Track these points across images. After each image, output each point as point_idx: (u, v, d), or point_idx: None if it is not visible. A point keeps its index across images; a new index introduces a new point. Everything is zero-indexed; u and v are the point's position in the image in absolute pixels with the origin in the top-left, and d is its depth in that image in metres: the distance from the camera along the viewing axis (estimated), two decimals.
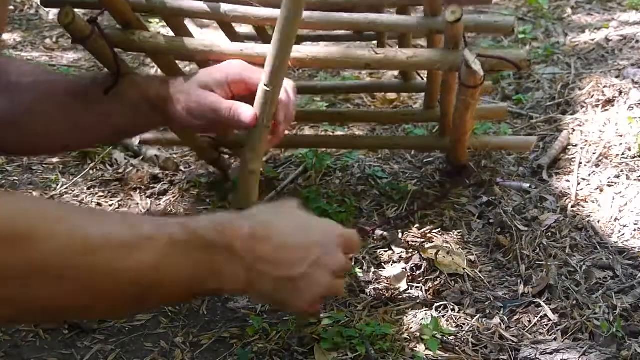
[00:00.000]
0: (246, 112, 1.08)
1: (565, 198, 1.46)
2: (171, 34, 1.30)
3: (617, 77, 1.91)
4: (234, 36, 1.50)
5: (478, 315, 1.17)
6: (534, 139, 1.59)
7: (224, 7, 1.22)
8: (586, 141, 1.65)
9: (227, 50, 1.21)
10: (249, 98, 1.11)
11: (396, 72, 1.98)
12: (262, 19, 1.23)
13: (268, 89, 1.08)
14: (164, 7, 1.23)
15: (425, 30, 1.20)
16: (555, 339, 1.11)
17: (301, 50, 1.18)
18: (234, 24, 1.49)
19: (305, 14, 1.15)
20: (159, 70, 1.41)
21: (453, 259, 1.29)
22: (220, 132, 1.45)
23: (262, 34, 1.53)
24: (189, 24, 1.33)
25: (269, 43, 1.09)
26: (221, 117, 1.11)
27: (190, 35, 1.30)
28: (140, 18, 1.23)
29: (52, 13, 2.66)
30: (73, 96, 1.18)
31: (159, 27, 2.29)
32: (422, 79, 1.43)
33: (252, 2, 1.23)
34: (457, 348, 1.10)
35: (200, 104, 1.13)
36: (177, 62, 1.34)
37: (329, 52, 1.22)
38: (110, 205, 1.52)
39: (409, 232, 1.37)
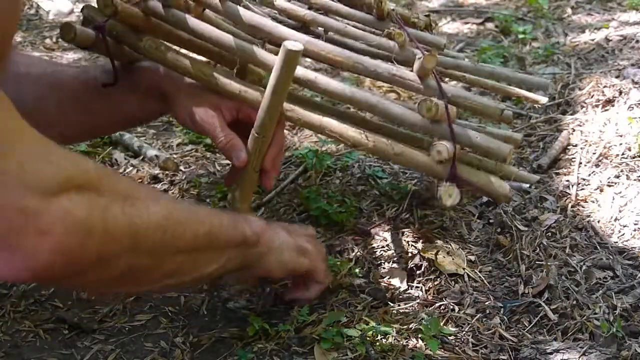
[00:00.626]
0: (240, 154, 1.14)
1: (565, 198, 1.46)
2: None
3: (617, 77, 1.91)
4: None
5: (478, 315, 1.17)
6: (535, 178, 1.39)
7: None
8: (586, 141, 1.65)
9: (227, 86, 1.18)
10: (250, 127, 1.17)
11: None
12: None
13: (258, 136, 1.14)
14: (174, 20, 1.19)
15: (423, 131, 1.19)
16: (555, 339, 1.11)
17: (293, 110, 1.18)
18: None
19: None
20: None
21: (453, 259, 1.29)
22: None
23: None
24: None
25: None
26: (216, 143, 1.17)
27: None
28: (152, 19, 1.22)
29: (52, 13, 2.66)
30: (83, 85, 1.20)
31: None
32: None
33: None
34: (457, 348, 1.10)
35: (203, 121, 1.16)
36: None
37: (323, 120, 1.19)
38: None
39: (409, 232, 1.37)
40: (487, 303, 1.20)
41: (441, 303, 1.20)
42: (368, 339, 1.09)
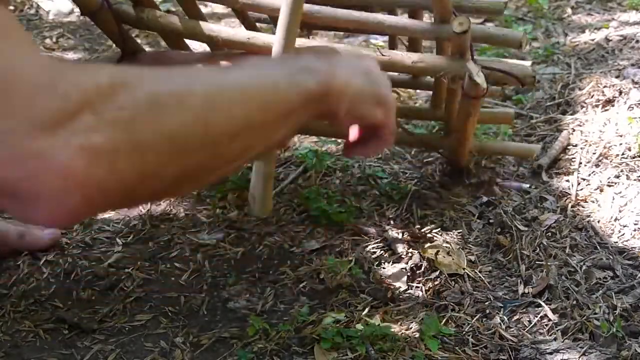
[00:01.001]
0: None
1: (565, 198, 1.46)
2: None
3: (617, 77, 1.91)
4: (247, 23, 1.49)
5: (478, 315, 1.17)
6: (538, 147, 1.57)
7: None
8: (586, 141, 1.65)
9: (234, 37, 1.21)
10: None
11: None
12: (273, 9, 1.23)
13: None
14: None
15: (432, 37, 1.20)
16: (555, 339, 1.11)
17: (305, 45, 1.19)
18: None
19: (314, 8, 1.16)
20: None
21: (453, 259, 1.29)
22: None
23: (276, 21, 1.53)
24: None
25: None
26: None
27: (203, 18, 1.31)
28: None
29: (52, 13, 2.66)
30: None
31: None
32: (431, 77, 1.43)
33: None
34: (457, 348, 1.10)
35: None
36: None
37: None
38: None
39: (409, 232, 1.37)
40: (487, 303, 1.20)
41: (441, 303, 1.20)
42: (368, 339, 1.09)
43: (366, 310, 1.19)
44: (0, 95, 0.62)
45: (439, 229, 1.39)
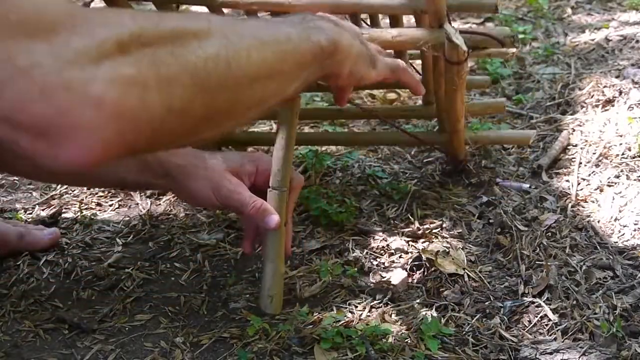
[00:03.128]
0: (273, 217, 1.12)
1: (565, 198, 1.46)
2: None
3: (617, 77, 1.91)
4: None
5: (478, 315, 1.17)
6: (533, 132, 1.60)
7: None
8: (586, 141, 1.65)
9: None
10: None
11: None
12: (248, 3, 1.24)
13: (282, 191, 1.13)
14: None
15: (409, 10, 1.20)
16: (555, 339, 1.11)
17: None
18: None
19: None
20: None
21: (453, 259, 1.29)
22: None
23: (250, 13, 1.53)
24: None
25: None
26: (247, 212, 1.13)
27: None
28: (132, 5, 1.26)
29: None
30: None
31: None
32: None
33: None
34: (457, 348, 1.10)
35: (230, 191, 1.14)
36: None
37: None
38: (110, 206, 1.52)
39: (409, 232, 1.37)
40: (487, 303, 1.20)
41: (441, 303, 1.20)
42: (368, 339, 1.09)
43: (366, 310, 1.19)
44: (25, 28, 0.61)
45: (439, 229, 1.39)
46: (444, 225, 1.40)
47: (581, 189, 1.49)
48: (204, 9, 1.30)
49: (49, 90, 0.60)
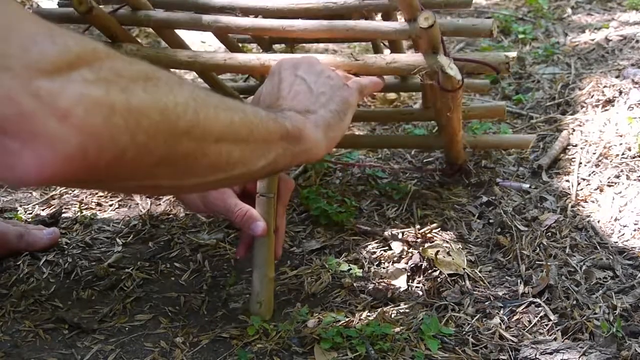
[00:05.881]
0: (259, 224, 1.14)
1: (565, 198, 1.46)
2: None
3: (617, 77, 1.91)
4: (228, 43, 1.50)
5: (478, 315, 1.17)
6: (533, 137, 1.59)
7: (206, 18, 1.27)
8: (586, 141, 1.65)
9: (211, 60, 1.22)
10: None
11: None
12: (243, 29, 1.26)
13: (269, 197, 1.16)
14: (148, 20, 1.29)
15: (403, 35, 1.20)
16: (555, 339, 1.11)
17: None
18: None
19: (286, 22, 1.20)
20: None
21: (453, 259, 1.29)
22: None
23: (260, 42, 1.53)
24: (187, 33, 1.36)
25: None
26: (232, 219, 1.15)
27: (184, 46, 1.34)
28: (127, 31, 1.28)
29: None
30: None
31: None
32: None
33: (234, 12, 1.26)
34: (457, 348, 1.10)
35: (216, 199, 1.16)
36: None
37: None
38: (110, 206, 1.53)
39: (409, 232, 1.37)
40: (487, 303, 1.20)
41: (441, 303, 1.20)
42: (368, 339, 1.09)
43: (366, 310, 1.19)
44: (1, 34, 0.60)
45: (439, 229, 1.39)
46: (444, 225, 1.40)
47: (581, 189, 1.49)
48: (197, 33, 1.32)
49: (14, 94, 0.59)
